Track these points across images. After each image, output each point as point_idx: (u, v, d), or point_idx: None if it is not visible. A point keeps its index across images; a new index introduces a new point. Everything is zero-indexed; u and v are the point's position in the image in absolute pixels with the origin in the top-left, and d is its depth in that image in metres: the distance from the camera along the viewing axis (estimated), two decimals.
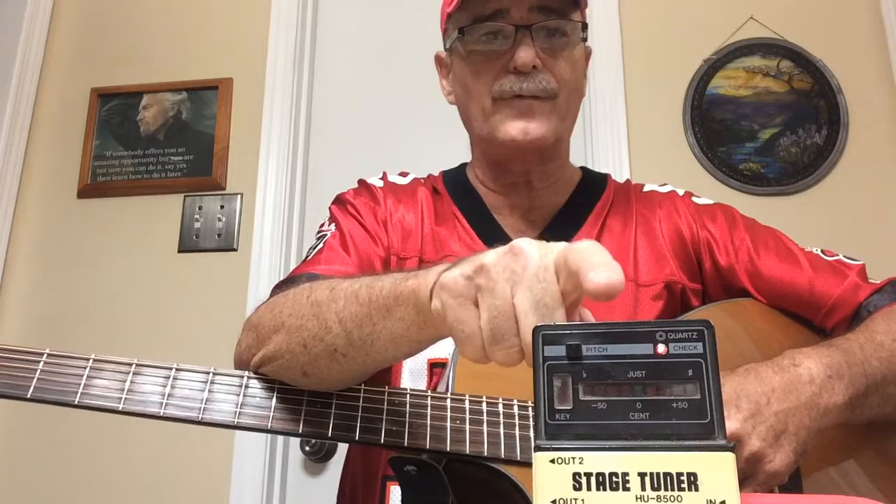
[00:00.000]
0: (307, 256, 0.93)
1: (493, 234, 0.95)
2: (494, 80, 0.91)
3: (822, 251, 0.94)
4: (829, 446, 0.81)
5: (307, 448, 1.76)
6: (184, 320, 1.88)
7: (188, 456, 1.76)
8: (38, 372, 0.69)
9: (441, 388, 0.78)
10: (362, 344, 0.63)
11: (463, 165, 1.06)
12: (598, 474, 0.35)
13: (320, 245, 0.92)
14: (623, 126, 1.89)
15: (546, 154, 0.95)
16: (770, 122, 1.87)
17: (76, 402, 0.69)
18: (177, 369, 0.71)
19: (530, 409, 0.72)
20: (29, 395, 0.68)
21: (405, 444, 0.69)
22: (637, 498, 0.34)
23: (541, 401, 0.37)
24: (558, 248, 0.47)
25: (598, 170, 1.09)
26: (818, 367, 0.75)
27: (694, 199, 1.02)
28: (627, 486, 0.34)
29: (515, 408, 0.72)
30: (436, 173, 1.06)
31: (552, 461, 0.35)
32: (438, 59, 1.03)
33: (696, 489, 0.34)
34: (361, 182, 1.03)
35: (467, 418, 0.71)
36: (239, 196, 1.95)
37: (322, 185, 2.00)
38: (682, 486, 0.34)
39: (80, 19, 2.20)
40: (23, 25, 2.10)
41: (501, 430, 0.70)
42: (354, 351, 0.64)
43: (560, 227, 0.96)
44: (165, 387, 0.70)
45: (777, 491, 0.72)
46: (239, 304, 1.82)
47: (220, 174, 1.97)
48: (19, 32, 2.09)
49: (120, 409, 0.69)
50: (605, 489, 0.34)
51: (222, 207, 1.95)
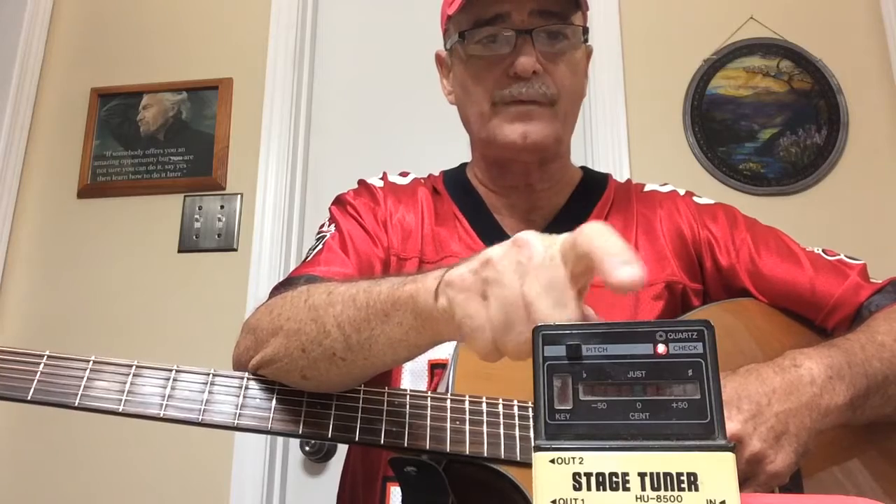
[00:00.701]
0: (306, 257, 0.92)
1: (493, 235, 0.94)
2: (494, 84, 0.90)
3: (824, 251, 0.94)
4: (830, 446, 0.80)
5: (307, 448, 1.76)
6: (184, 320, 1.88)
7: (188, 456, 1.76)
8: (39, 374, 0.69)
9: (441, 388, 0.78)
10: (360, 348, 0.63)
11: (463, 165, 1.06)
12: (598, 474, 0.35)
13: (319, 246, 0.92)
14: (623, 126, 1.88)
15: (546, 156, 0.95)
16: (770, 122, 1.87)
17: (76, 404, 0.69)
18: (176, 371, 0.71)
19: (530, 409, 0.72)
20: (29, 397, 0.69)
21: (405, 444, 0.69)
22: (637, 498, 0.34)
23: (541, 401, 0.37)
24: (562, 236, 0.48)
25: (598, 170, 1.09)
26: (819, 368, 0.75)
27: (695, 198, 1.01)
28: (627, 486, 0.34)
29: (515, 408, 0.72)
30: (436, 173, 1.06)
31: (552, 461, 0.35)
32: (439, 58, 1.03)
33: (696, 489, 0.34)
34: (361, 182, 1.03)
35: (467, 419, 0.70)
36: (239, 196, 1.95)
37: (322, 185, 2.00)
38: (682, 486, 0.34)
39: (80, 19, 2.20)
40: (23, 25, 2.10)
41: (501, 431, 0.70)
42: (353, 355, 0.64)
43: (560, 227, 0.94)
44: (165, 388, 0.70)
45: (777, 491, 0.72)
46: (239, 304, 1.82)
47: (220, 174, 1.97)
48: (19, 32, 2.09)
49: (120, 410, 0.69)
50: (605, 489, 0.34)
51: (222, 207, 1.95)
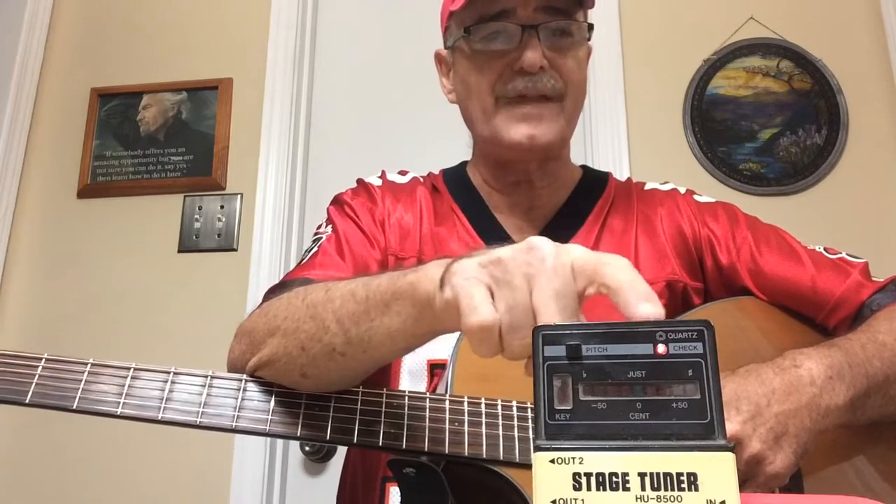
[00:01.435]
0: (302, 259, 0.92)
1: (493, 233, 0.94)
2: (498, 79, 0.90)
3: (825, 249, 0.93)
4: (831, 446, 0.80)
5: (307, 448, 1.76)
6: (184, 320, 1.88)
7: (188, 457, 1.76)
8: (37, 377, 0.69)
9: (440, 389, 0.78)
10: (360, 341, 0.63)
11: (463, 164, 1.06)
12: (598, 474, 0.34)
13: (315, 248, 0.91)
14: (623, 126, 1.88)
15: (549, 155, 0.95)
16: (770, 122, 1.87)
17: (74, 407, 0.68)
18: (175, 373, 0.70)
19: (529, 410, 0.72)
20: (27, 401, 0.68)
21: (403, 446, 0.68)
22: (637, 498, 0.34)
23: (541, 401, 0.37)
24: (576, 251, 0.48)
25: (597, 169, 1.09)
26: (819, 368, 0.74)
27: (695, 197, 1.01)
28: (627, 486, 0.34)
29: (514, 409, 0.72)
30: (435, 172, 1.06)
31: (552, 461, 0.35)
32: (439, 57, 1.03)
33: (696, 489, 0.34)
34: (360, 182, 1.02)
35: (466, 420, 0.70)
36: (239, 196, 1.95)
37: (322, 185, 2.00)
38: (682, 486, 0.34)
39: (80, 19, 2.20)
40: (23, 25, 2.10)
41: (500, 432, 0.70)
42: (353, 349, 0.64)
43: (560, 226, 0.96)
44: (163, 391, 0.69)
45: (777, 491, 0.72)
46: (239, 304, 1.82)
47: (220, 174, 1.97)
48: (19, 32, 2.09)
49: (118, 413, 0.68)
50: (605, 489, 0.34)
51: (222, 207, 1.95)
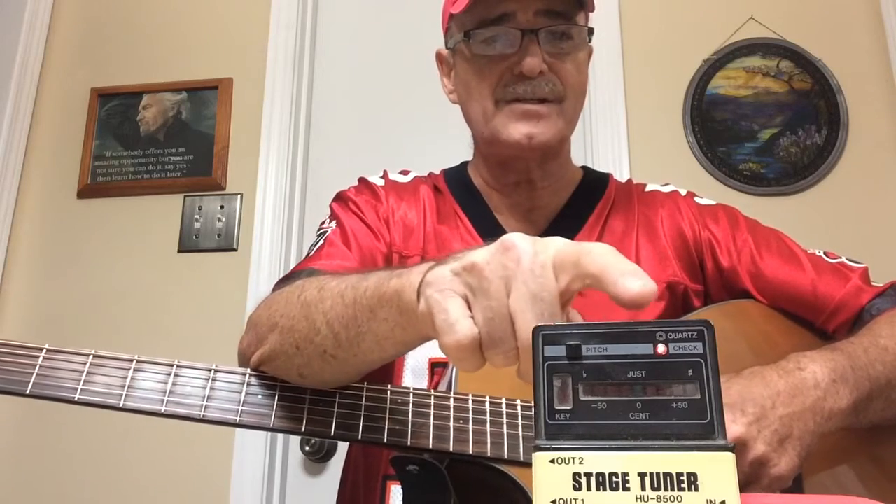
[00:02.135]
0: (308, 253, 0.92)
1: (494, 234, 0.93)
2: (498, 82, 0.90)
3: (825, 253, 0.93)
4: (832, 448, 0.80)
5: (307, 448, 1.76)
6: (184, 320, 1.88)
7: (188, 455, 1.76)
8: (38, 367, 0.68)
9: (442, 387, 0.78)
10: (350, 345, 0.62)
11: (464, 164, 1.06)
12: (598, 474, 0.34)
13: (321, 242, 0.91)
14: (623, 126, 1.88)
15: (549, 154, 0.95)
16: (770, 122, 1.87)
17: (76, 399, 0.68)
18: (178, 366, 0.70)
19: (533, 410, 0.72)
20: (28, 391, 0.67)
21: (408, 443, 0.68)
22: (637, 498, 0.34)
23: (541, 401, 0.37)
24: (555, 245, 0.45)
25: (598, 170, 1.09)
26: (823, 371, 0.75)
27: (696, 199, 1.01)
28: (627, 486, 0.34)
29: (519, 408, 0.72)
30: (436, 171, 1.06)
31: (552, 461, 0.35)
32: (440, 56, 1.03)
33: (696, 489, 0.34)
34: (362, 180, 1.02)
35: (470, 418, 0.70)
36: (239, 196, 1.95)
37: (322, 185, 1.99)
38: (682, 486, 0.34)
39: (80, 19, 2.20)
40: (23, 25, 2.10)
41: (505, 431, 0.70)
42: (343, 352, 0.63)
43: (561, 227, 0.96)
44: (167, 384, 0.69)
45: (778, 492, 0.72)
46: (239, 304, 1.82)
47: (220, 174, 1.97)
48: (19, 32, 2.09)
49: (120, 405, 0.68)
50: (605, 489, 0.34)
51: (222, 207, 1.95)
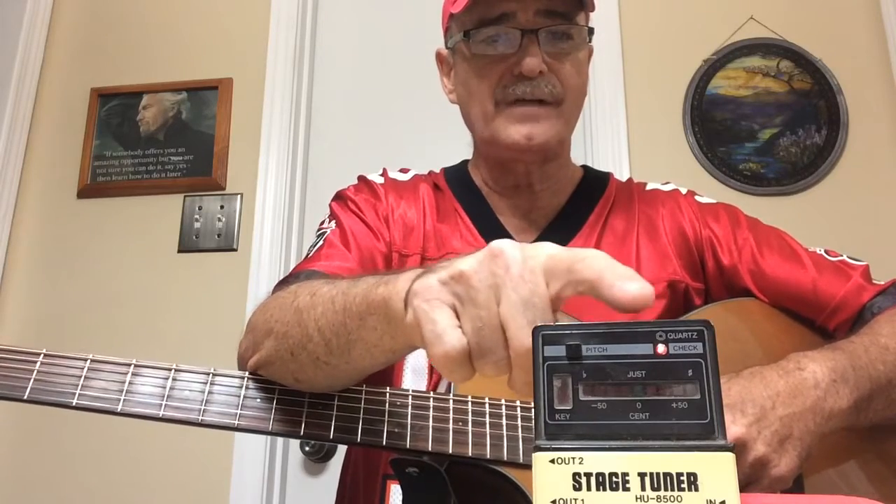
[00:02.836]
0: (308, 255, 0.92)
1: (494, 233, 0.94)
2: (498, 83, 0.90)
3: (826, 251, 0.93)
4: (832, 448, 0.80)
5: (307, 448, 1.76)
6: (184, 320, 1.88)
7: (188, 456, 1.76)
8: (35, 373, 0.68)
9: (442, 387, 0.77)
10: (341, 352, 0.61)
11: (465, 162, 1.06)
12: (598, 474, 0.34)
13: (320, 242, 0.91)
14: (623, 126, 1.88)
15: (548, 156, 0.95)
16: (770, 122, 1.87)
17: (74, 404, 0.67)
18: (176, 370, 0.70)
19: (533, 410, 0.72)
20: (26, 397, 0.67)
21: (407, 445, 0.68)
22: (637, 498, 0.34)
23: (541, 401, 0.37)
24: (546, 251, 0.44)
25: (598, 169, 1.09)
26: (823, 371, 0.74)
27: (697, 197, 1.01)
28: (627, 486, 0.34)
29: (518, 409, 0.72)
30: (436, 170, 1.06)
31: (552, 461, 0.35)
32: (440, 56, 1.03)
33: (696, 489, 0.34)
34: (361, 178, 1.02)
35: (470, 420, 0.70)
36: (239, 196, 1.95)
37: (322, 185, 2.00)
38: (682, 486, 0.34)
39: (80, 19, 2.20)
40: (23, 25, 2.10)
41: (504, 433, 0.70)
42: (335, 359, 0.63)
43: (561, 226, 0.96)
44: (164, 388, 0.69)
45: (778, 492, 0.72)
46: (239, 304, 1.82)
47: (220, 174, 1.97)
48: (19, 32, 2.09)
49: (118, 410, 0.67)
50: (605, 489, 0.34)
51: (222, 207, 1.95)
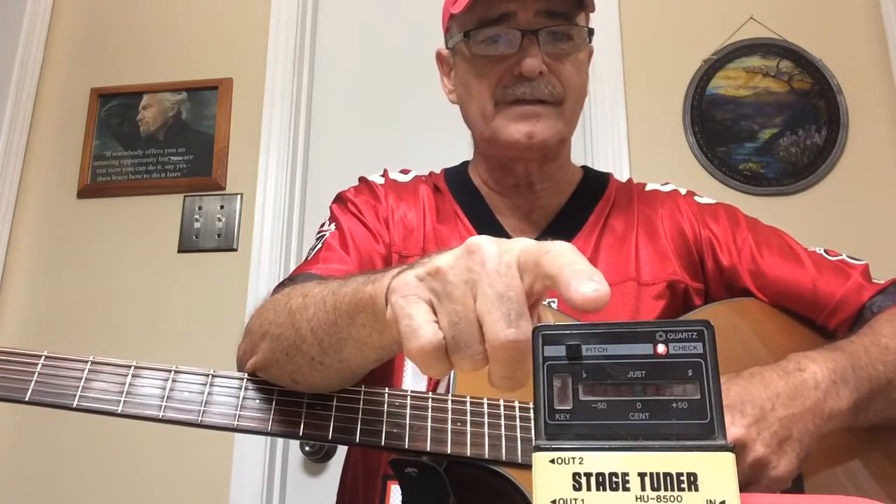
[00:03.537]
0: (307, 257, 0.92)
1: (494, 234, 0.93)
2: (498, 83, 0.90)
3: (826, 251, 0.93)
4: (832, 448, 0.80)
5: (307, 448, 1.76)
6: (184, 320, 1.88)
7: (188, 456, 1.76)
8: (36, 374, 0.68)
9: (441, 388, 0.78)
10: (334, 351, 0.62)
11: (465, 163, 1.06)
12: (598, 474, 0.34)
13: (319, 245, 0.91)
14: (623, 126, 1.88)
15: (548, 155, 0.95)
16: (770, 122, 1.87)
17: (74, 405, 0.68)
18: (175, 371, 0.70)
19: (531, 410, 0.72)
20: (27, 398, 0.68)
21: (406, 446, 0.68)
22: (637, 498, 0.34)
23: (541, 401, 0.37)
24: (520, 245, 0.45)
25: (598, 169, 1.09)
26: (823, 372, 0.75)
27: (696, 198, 1.02)
28: (627, 486, 0.34)
29: (517, 409, 0.72)
30: (437, 171, 1.06)
31: (552, 461, 0.35)
32: (440, 56, 1.03)
33: (696, 489, 0.34)
34: (362, 179, 1.02)
35: (468, 420, 0.70)
36: (239, 196, 1.95)
37: (322, 185, 2.00)
38: (682, 486, 0.34)
39: (80, 19, 2.20)
40: (23, 25, 2.10)
41: (503, 433, 0.70)
42: (328, 358, 0.63)
43: (561, 227, 0.96)
44: (164, 389, 0.69)
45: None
46: (239, 304, 1.82)
47: (220, 174, 1.97)
48: (19, 32, 2.09)
49: (119, 411, 0.68)
50: (604, 489, 0.34)
51: (222, 207, 1.95)
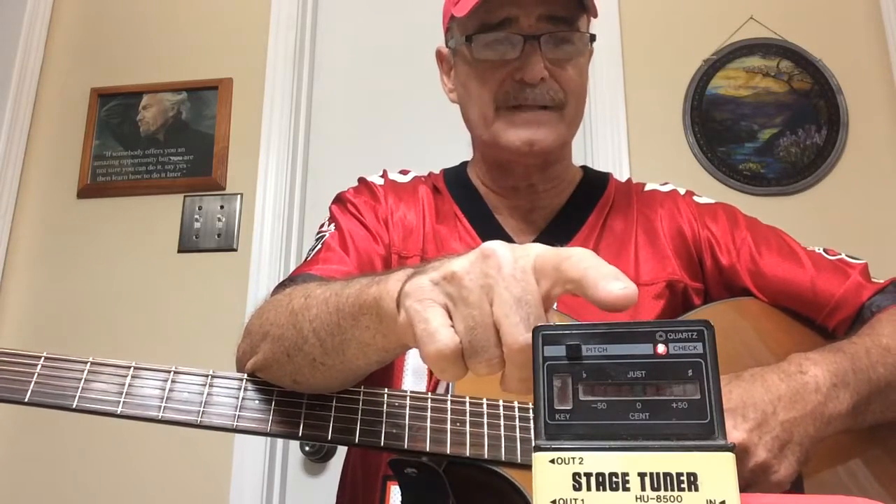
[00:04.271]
0: (306, 258, 0.92)
1: (493, 235, 0.94)
2: (499, 88, 0.90)
3: (825, 250, 0.93)
4: (831, 448, 0.80)
5: (307, 448, 1.76)
6: (184, 320, 1.88)
7: (188, 456, 1.76)
8: (36, 375, 0.68)
9: (441, 389, 0.78)
10: (336, 352, 0.62)
11: (464, 164, 1.06)
12: (598, 474, 0.34)
13: (319, 246, 0.91)
14: (623, 126, 1.88)
15: (549, 160, 0.95)
16: (770, 122, 1.87)
17: (74, 406, 0.68)
18: (175, 372, 0.70)
19: (531, 410, 0.72)
20: (26, 399, 0.68)
21: (405, 446, 0.68)
22: (637, 498, 0.34)
23: (541, 401, 0.37)
24: (535, 251, 0.45)
25: (598, 170, 1.09)
26: (825, 375, 0.74)
27: (695, 198, 1.02)
28: (627, 486, 0.34)
29: (516, 410, 0.72)
30: (436, 171, 1.06)
31: (552, 461, 0.35)
32: (440, 54, 1.02)
33: (696, 489, 0.34)
34: (361, 180, 1.02)
35: (468, 420, 0.70)
36: (239, 196, 1.95)
37: (322, 185, 2.00)
38: (682, 486, 0.34)
39: (80, 19, 2.20)
40: (23, 25, 2.10)
41: (502, 433, 0.70)
42: (330, 360, 0.63)
43: (561, 227, 0.96)
44: (164, 390, 0.69)
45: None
46: (239, 304, 1.82)
47: (220, 174, 1.97)
48: (19, 32, 2.09)
49: (118, 412, 0.68)
50: (604, 489, 0.34)
51: (222, 207, 1.95)
